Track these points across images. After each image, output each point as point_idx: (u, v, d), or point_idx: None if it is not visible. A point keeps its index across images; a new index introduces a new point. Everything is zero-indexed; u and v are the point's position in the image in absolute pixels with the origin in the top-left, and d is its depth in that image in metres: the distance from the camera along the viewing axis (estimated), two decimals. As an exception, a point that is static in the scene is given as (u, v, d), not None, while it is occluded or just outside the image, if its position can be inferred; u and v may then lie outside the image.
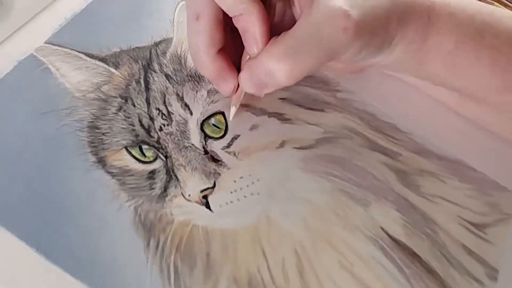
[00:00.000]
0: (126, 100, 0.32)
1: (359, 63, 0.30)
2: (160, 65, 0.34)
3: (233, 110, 0.31)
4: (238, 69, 0.29)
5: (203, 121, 0.32)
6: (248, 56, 0.28)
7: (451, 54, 0.29)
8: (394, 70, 0.34)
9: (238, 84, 0.29)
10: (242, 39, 0.28)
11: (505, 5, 0.45)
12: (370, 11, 0.26)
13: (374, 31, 0.27)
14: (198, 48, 0.28)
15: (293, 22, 0.27)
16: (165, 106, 0.32)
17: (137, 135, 0.31)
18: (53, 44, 0.34)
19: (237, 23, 0.27)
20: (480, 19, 0.29)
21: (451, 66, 0.30)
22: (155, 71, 0.33)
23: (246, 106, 0.33)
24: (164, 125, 0.32)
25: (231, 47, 0.29)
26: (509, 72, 0.29)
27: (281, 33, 0.26)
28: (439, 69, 0.30)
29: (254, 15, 0.26)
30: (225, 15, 0.27)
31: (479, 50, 0.29)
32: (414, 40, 0.28)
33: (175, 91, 0.33)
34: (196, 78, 0.33)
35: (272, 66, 0.25)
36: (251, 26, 0.26)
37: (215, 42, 0.28)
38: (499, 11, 0.31)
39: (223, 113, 0.32)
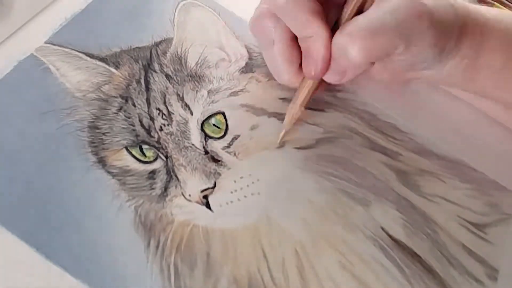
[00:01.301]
0: (126, 100, 0.32)
1: (415, 71, 0.30)
2: (160, 65, 0.34)
3: (284, 131, 0.32)
4: None
5: (204, 121, 0.32)
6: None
7: (500, 70, 0.30)
8: (441, 84, 0.34)
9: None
10: (303, 57, 0.28)
11: (505, 5, 0.45)
12: (442, 9, 0.27)
13: (443, 29, 0.27)
14: (280, 69, 0.29)
15: None
16: (166, 106, 0.32)
17: (137, 135, 0.31)
18: (53, 44, 0.34)
19: (302, 43, 0.28)
20: None
21: (499, 82, 0.30)
22: (155, 71, 0.33)
23: (247, 106, 0.33)
24: (164, 125, 0.32)
25: None
26: None
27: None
28: (488, 85, 0.30)
29: (320, 41, 0.27)
30: None
31: None
32: (467, 56, 0.29)
33: (175, 91, 0.33)
34: (196, 78, 0.33)
35: (346, 44, 0.26)
36: (315, 51, 0.27)
37: (293, 60, 0.29)
38: None
39: (223, 113, 0.32)
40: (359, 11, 0.28)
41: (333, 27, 0.28)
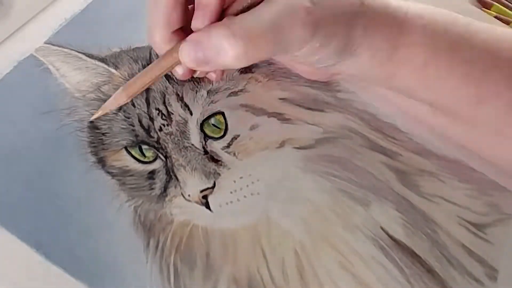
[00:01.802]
0: (126, 100, 0.32)
1: (323, 68, 0.29)
2: (160, 65, 0.34)
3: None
4: None
5: (203, 121, 0.32)
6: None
7: (422, 66, 0.29)
8: (362, 80, 0.33)
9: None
10: (196, 7, 0.26)
11: (505, 6, 0.45)
12: (332, 12, 0.26)
13: (334, 33, 0.26)
14: (153, 28, 0.26)
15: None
16: (165, 106, 0.32)
17: (137, 135, 0.31)
18: (53, 44, 0.34)
19: None
20: (455, 32, 0.29)
21: (423, 79, 0.29)
22: (155, 71, 0.33)
23: (247, 106, 0.33)
24: (164, 125, 0.32)
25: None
26: (483, 85, 0.29)
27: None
28: (410, 81, 0.29)
29: None
30: None
31: (452, 63, 0.29)
32: (382, 49, 0.28)
33: (174, 91, 0.33)
34: (196, 78, 0.33)
35: (223, 43, 0.24)
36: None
37: (171, 22, 0.26)
38: (476, 24, 0.30)
39: (223, 113, 0.32)
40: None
41: None
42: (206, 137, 0.32)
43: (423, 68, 0.29)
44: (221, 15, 0.25)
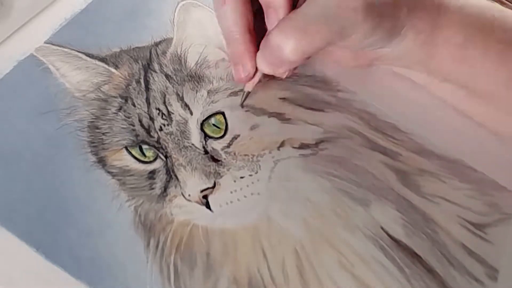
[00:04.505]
0: (126, 100, 0.32)
1: (369, 53, 0.30)
2: (160, 65, 0.34)
3: (246, 92, 0.32)
4: None
5: (203, 121, 0.32)
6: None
7: (459, 47, 0.29)
8: (402, 64, 0.34)
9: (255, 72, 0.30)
10: (265, 15, 0.28)
11: (505, 5, 0.45)
12: None
13: (383, 14, 0.27)
14: (230, 29, 0.29)
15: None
16: (165, 106, 0.32)
17: (137, 135, 0.31)
18: (53, 44, 0.34)
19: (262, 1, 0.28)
20: (490, 14, 0.30)
21: (459, 59, 0.30)
22: (155, 71, 0.33)
23: (246, 106, 0.33)
24: (164, 125, 0.32)
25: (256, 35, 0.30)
26: None
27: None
28: (447, 62, 0.30)
29: None
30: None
31: (487, 44, 0.30)
32: (423, 31, 0.29)
33: (175, 91, 0.33)
34: (196, 78, 0.33)
35: (280, 41, 0.26)
36: (277, 2, 0.27)
37: (244, 22, 0.28)
38: (508, 10, 0.31)
39: (223, 113, 0.32)
40: None
41: None
42: (206, 137, 0.32)
43: (461, 48, 0.29)
44: None
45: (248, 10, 0.29)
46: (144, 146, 0.31)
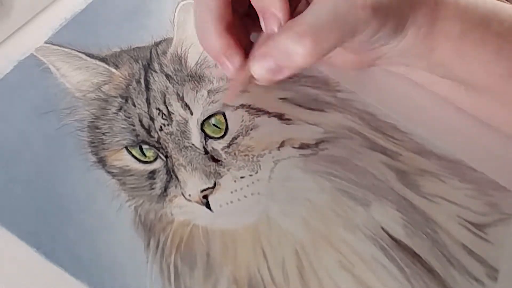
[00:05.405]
0: (126, 100, 0.32)
1: (370, 53, 0.30)
2: (160, 65, 0.34)
3: (230, 93, 0.30)
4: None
5: (204, 121, 0.32)
6: (260, 40, 0.27)
7: (458, 39, 0.30)
8: (403, 61, 0.34)
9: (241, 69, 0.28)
10: (261, 19, 0.27)
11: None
12: None
13: (389, 11, 0.27)
14: (205, 22, 0.27)
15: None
16: (166, 106, 0.32)
17: (137, 135, 0.31)
18: (53, 44, 0.34)
19: (256, 2, 0.27)
20: (485, 7, 0.30)
21: (459, 52, 0.30)
22: (155, 71, 0.33)
23: (247, 106, 0.33)
24: (164, 125, 0.32)
25: (237, 32, 0.28)
26: None
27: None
28: (447, 54, 0.30)
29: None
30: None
31: (485, 36, 0.30)
32: (423, 25, 0.29)
33: (175, 91, 0.33)
34: (196, 78, 0.33)
35: (290, 46, 0.25)
36: (272, 3, 0.26)
37: (223, 17, 0.27)
38: (502, 3, 0.31)
39: (223, 113, 0.32)
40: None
41: None
42: (206, 137, 0.32)
43: (459, 41, 0.30)
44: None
45: (229, 6, 0.27)
46: (144, 146, 0.31)
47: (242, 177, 0.31)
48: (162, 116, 0.32)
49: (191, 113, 0.32)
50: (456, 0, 0.30)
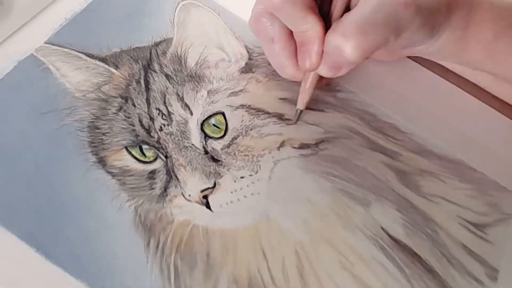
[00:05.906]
0: (126, 100, 0.32)
1: (405, 49, 0.31)
2: (160, 65, 0.34)
3: (298, 111, 0.33)
4: None
5: (203, 121, 0.32)
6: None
7: (491, 42, 0.30)
8: (434, 58, 0.35)
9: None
10: (298, 49, 0.30)
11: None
12: None
13: (430, 11, 0.28)
14: (283, 65, 0.31)
15: None
16: (165, 106, 0.32)
17: (137, 135, 0.31)
18: (53, 44, 0.34)
19: (297, 38, 0.30)
20: None
21: (491, 54, 0.31)
22: (155, 71, 0.33)
23: (247, 106, 0.33)
24: (164, 125, 0.32)
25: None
26: None
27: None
28: (479, 56, 0.31)
29: (315, 35, 0.28)
30: None
31: None
32: (457, 28, 0.30)
33: (175, 91, 0.33)
34: (196, 78, 0.33)
35: (339, 42, 0.27)
36: (310, 43, 0.29)
37: (294, 53, 0.30)
38: None
39: (223, 113, 0.32)
40: (347, 4, 0.29)
41: (325, 19, 0.29)
42: (206, 137, 0.32)
43: (492, 44, 0.30)
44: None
45: (295, 43, 0.30)
46: (144, 146, 0.31)
47: (242, 177, 0.31)
48: (162, 116, 0.32)
49: (191, 113, 0.32)
50: (491, 2, 0.30)
